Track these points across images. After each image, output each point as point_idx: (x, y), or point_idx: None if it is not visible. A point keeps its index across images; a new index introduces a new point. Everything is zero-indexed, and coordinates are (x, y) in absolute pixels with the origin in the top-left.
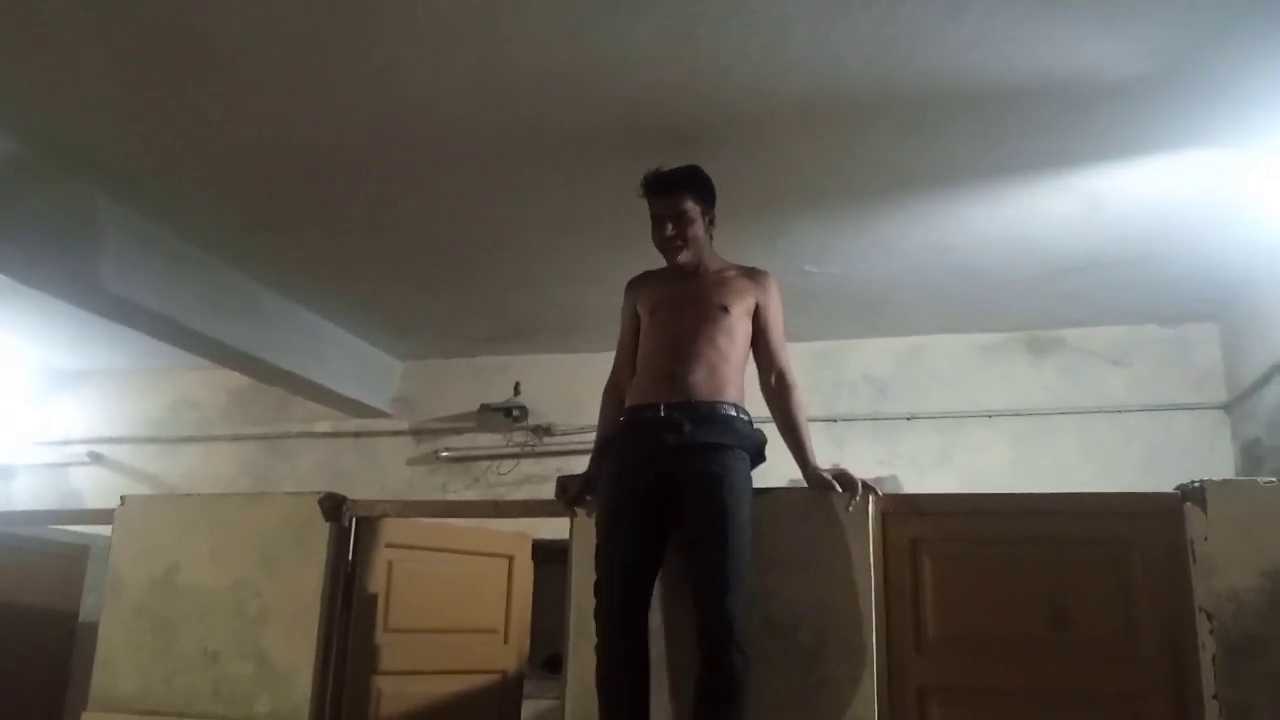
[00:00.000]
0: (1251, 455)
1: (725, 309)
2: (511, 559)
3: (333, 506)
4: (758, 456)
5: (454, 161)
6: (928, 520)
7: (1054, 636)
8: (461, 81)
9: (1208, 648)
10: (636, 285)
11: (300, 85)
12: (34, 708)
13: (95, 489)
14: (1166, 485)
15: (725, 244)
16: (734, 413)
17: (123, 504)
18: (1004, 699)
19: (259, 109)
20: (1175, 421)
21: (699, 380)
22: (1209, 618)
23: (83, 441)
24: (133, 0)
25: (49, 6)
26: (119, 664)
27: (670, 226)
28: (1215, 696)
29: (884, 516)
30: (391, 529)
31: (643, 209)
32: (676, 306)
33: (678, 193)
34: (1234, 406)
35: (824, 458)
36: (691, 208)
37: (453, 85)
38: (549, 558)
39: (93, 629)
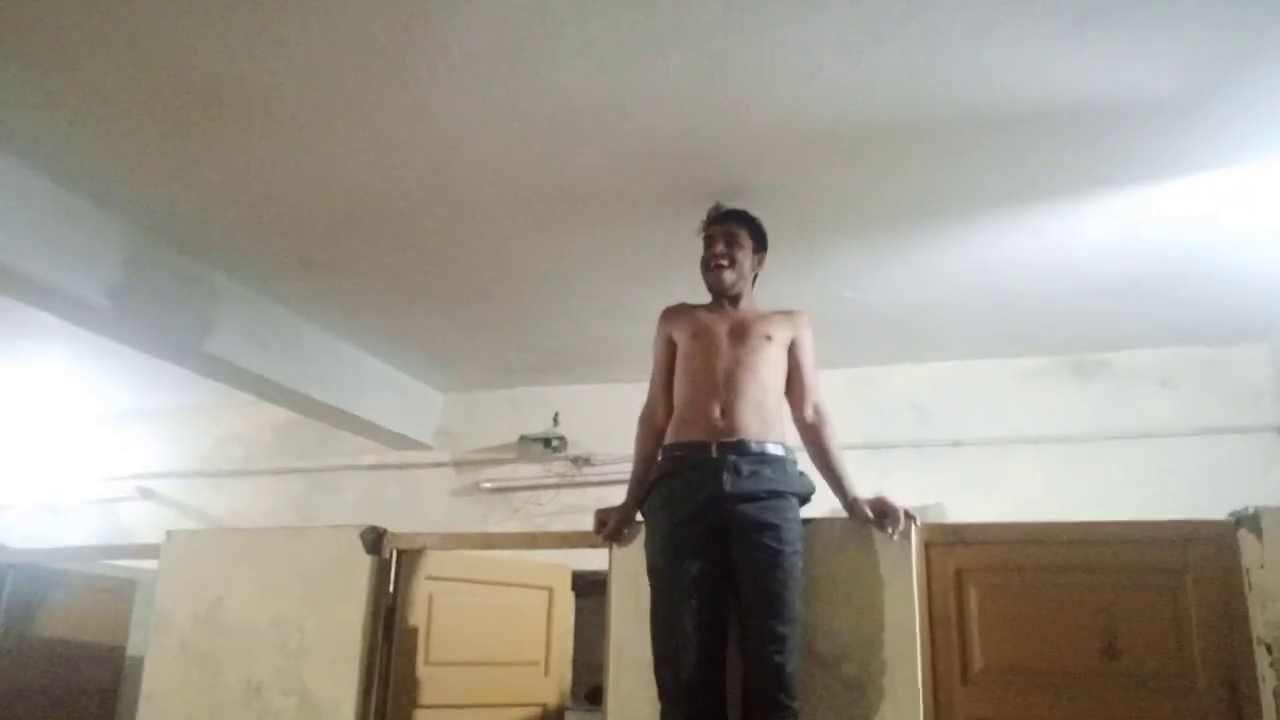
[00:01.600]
0: None
1: (769, 338)
2: (551, 591)
3: (374, 539)
4: (805, 501)
5: (489, 199)
6: (972, 549)
7: (1105, 668)
8: (491, 121)
9: (1268, 681)
10: (673, 314)
11: (334, 127)
12: None
13: (144, 525)
14: (1218, 511)
15: (762, 274)
16: (783, 453)
17: (168, 539)
18: None
19: (297, 151)
20: (1226, 445)
21: (746, 416)
22: (1268, 650)
23: (132, 478)
24: (172, 50)
25: (89, 56)
26: (164, 700)
27: (721, 245)
28: None
29: (927, 546)
30: (432, 561)
31: (680, 242)
32: (718, 335)
33: (735, 220)
34: None
35: (866, 487)
36: (744, 236)
37: (483, 125)
38: (589, 589)
39: (140, 663)
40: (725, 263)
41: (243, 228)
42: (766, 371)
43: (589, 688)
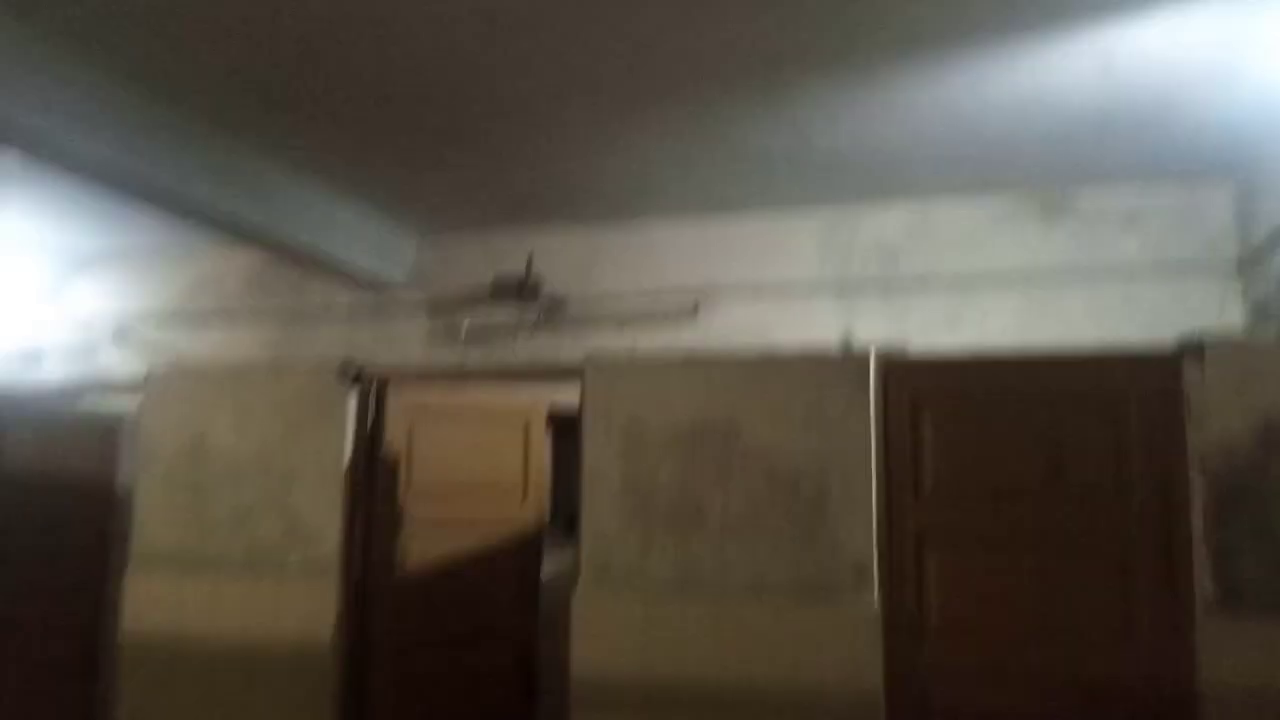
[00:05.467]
0: (1262, 315)
1: None
2: (528, 421)
3: (353, 372)
4: None
5: (454, 13)
6: (928, 377)
7: (1049, 487)
8: None
9: (1198, 496)
10: None
11: None
12: (78, 572)
13: (121, 369)
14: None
15: (731, 118)
16: None
17: (149, 375)
18: (997, 545)
19: None
20: (1186, 284)
21: None
22: (1201, 467)
23: (106, 323)
24: None
25: None
26: (155, 527)
27: None
28: (1204, 542)
29: (885, 374)
30: (410, 395)
31: (648, 70)
32: None
33: None
34: (1246, 267)
35: (834, 326)
36: None
37: None
38: (562, 431)
39: (130, 500)
40: None
41: (202, 58)
42: None
43: (565, 519)
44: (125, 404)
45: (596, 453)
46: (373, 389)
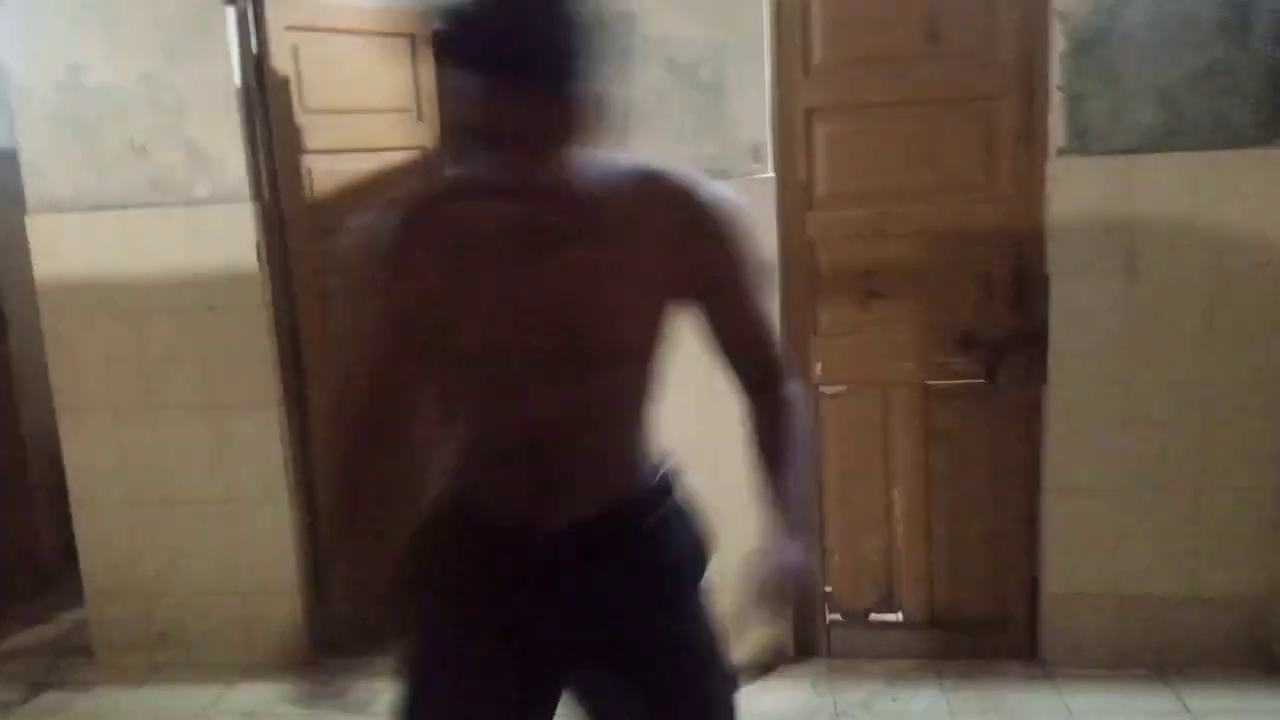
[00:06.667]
0: None
1: (641, 291)
2: (413, 37)
3: None
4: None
5: None
6: None
7: (927, 50)
8: None
9: (1058, 45)
10: (415, 228)
11: None
12: None
13: None
14: None
15: None
16: (672, 496)
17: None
18: (881, 111)
19: None
20: None
21: (606, 468)
22: (1062, 18)
23: None
24: None
25: None
26: (47, 170)
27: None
28: (1059, 88)
29: None
30: (289, 13)
31: None
32: (523, 296)
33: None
34: None
35: None
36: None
37: None
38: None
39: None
40: (527, 160)
41: None
42: (638, 359)
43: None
44: None
45: None
46: (250, 5)
